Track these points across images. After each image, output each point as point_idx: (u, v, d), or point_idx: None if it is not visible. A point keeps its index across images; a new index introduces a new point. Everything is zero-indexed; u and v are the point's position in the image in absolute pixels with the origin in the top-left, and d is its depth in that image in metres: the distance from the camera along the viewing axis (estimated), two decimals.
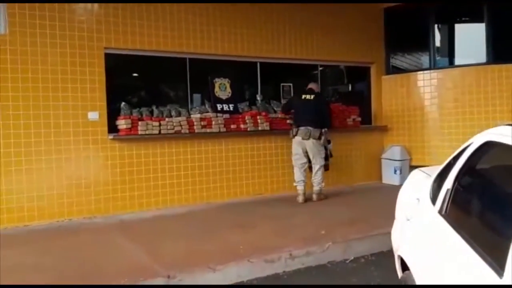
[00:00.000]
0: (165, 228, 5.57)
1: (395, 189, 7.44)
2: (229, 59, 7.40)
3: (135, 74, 7.15)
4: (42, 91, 5.91)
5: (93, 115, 6.21)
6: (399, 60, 9.13)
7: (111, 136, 6.30)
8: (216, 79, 7.30)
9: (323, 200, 6.98)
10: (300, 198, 6.86)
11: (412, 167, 8.52)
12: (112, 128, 6.41)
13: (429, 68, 8.44)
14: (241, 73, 7.71)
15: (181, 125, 6.67)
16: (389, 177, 8.41)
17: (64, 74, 6.03)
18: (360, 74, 9.06)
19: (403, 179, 8.28)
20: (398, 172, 8.28)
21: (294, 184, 7.00)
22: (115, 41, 6.39)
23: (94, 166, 6.24)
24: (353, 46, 8.51)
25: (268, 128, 7.34)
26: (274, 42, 7.70)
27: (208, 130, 6.88)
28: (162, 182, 6.69)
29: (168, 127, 6.58)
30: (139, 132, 6.37)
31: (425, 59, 8.62)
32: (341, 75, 8.95)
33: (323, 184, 7.02)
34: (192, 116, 6.94)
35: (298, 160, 6.98)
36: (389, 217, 3.53)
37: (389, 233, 3.43)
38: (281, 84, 8.02)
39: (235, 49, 7.34)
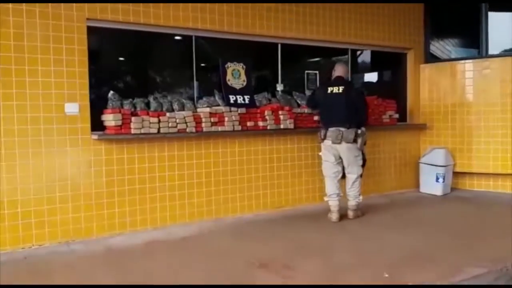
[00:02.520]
0: (163, 265, 4.14)
1: (443, 202, 6.09)
2: (243, 38, 5.92)
3: (126, 55, 5.59)
4: (2, 74, 4.40)
5: (71, 108, 4.71)
6: (441, 46, 7.72)
7: (95, 136, 4.82)
8: (229, 64, 5.82)
9: (361, 218, 5.61)
10: (334, 216, 5.47)
11: (456, 174, 7.25)
12: (97, 125, 4.93)
13: (480, 56, 7.06)
14: (258, 56, 6.24)
15: (186, 122, 5.20)
16: (429, 186, 7.05)
17: (32, 52, 4.51)
18: (394, 62, 7.63)
19: (446, 188, 6.99)
20: (441, 180, 6.92)
21: (326, 198, 5.61)
22: (101, 11, 4.87)
23: (73, 174, 4.75)
24: (387, 28, 7.10)
25: (292, 126, 5.90)
26: (298, 20, 6.23)
27: (219, 128, 5.42)
28: (161, 194, 5.23)
29: (170, 124, 5.10)
30: (133, 131, 4.89)
31: (474, 45, 7.22)
32: (374, 62, 7.51)
33: (360, 197, 5.64)
34: (199, 110, 5.47)
35: (329, 168, 5.58)
36: (463, 248, 2.11)
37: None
38: (306, 71, 6.57)
39: (252, 27, 5.86)
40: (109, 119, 4.85)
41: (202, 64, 5.74)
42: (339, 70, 5.73)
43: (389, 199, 6.73)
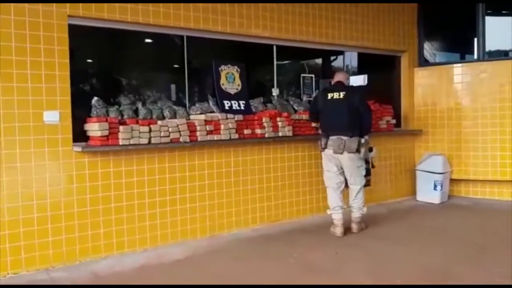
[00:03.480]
0: None
1: (443, 211, 5.73)
2: (238, 39, 5.48)
3: (111, 58, 5.03)
4: None
5: (51, 116, 4.14)
6: (436, 49, 7.49)
7: (78, 148, 4.26)
8: (223, 67, 5.37)
9: (365, 231, 5.26)
10: (338, 231, 5.09)
11: (452, 181, 7.02)
12: (80, 135, 4.39)
13: (476, 60, 6.86)
14: (252, 59, 5.80)
15: (179, 131, 4.71)
16: (426, 194, 6.79)
17: (6, 53, 3.94)
18: (388, 65, 7.35)
19: (444, 196, 6.75)
20: (439, 187, 6.67)
21: (329, 211, 5.23)
22: (85, 8, 4.32)
23: (53, 192, 4.19)
24: (382, 29, 6.81)
25: (290, 133, 5.51)
26: (294, 21, 5.83)
27: (215, 137, 4.96)
28: (151, 211, 4.73)
29: (162, 134, 4.61)
30: (121, 142, 4.37)
31: (469, 49, 7.01)
32: (368, 66, 7.19)
33: (365, 209, 5.29)
34: (192, 117, 5.00)
35: (331, 179, 5.21)
36: (481, 262, 1.77)
37: None
38: (302, 75, 6.19)
39: (247, 26, 5.42)
40: (94, 128, 4.31)
41: (195, 67, 5.25)
42: (338, 76, 5.39)
43: (387, 209, 6.42)
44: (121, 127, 4.37)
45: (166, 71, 5.41)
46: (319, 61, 6.70)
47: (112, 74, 5.02)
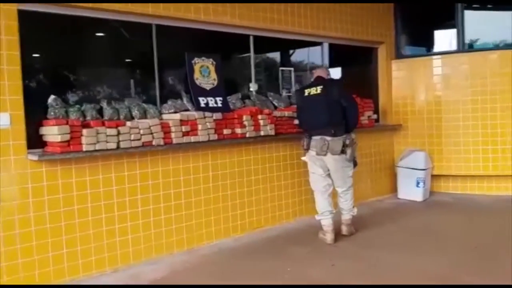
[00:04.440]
0: None
1: (428, 209, 5.41)
2: (212, 28, 4.94)
3: (70, 49, 4.33)
4: None
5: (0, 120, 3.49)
6: (415, 40, 7.20)
7: (34, 156, 3.60)
8: (196, 59, 4.82)
9: (356, 235, 4.87)
10: (329, 238, 4.67)
11: (432, 177, 6.79)
12: (35, 140, 3.73)
13: (456, 51, 6.64)
14: (228, 50, 5.28)
15: (152, 132, 4.13)
16: (408, 191, 6.50)
17: None
18: (365, 58, 7.02)
19: (426, 193, 6.50)
20: (421, 184, 6.40)
21: (317, 217, 4.80)
22: None
23: (6, 209, 3.52)
24: (360, 20, 6.45)
25: (273, 132, 5.03)
26: (273, 9, 5.35)
27: (192, 139, 4.40)
28: (121, 225, 4.12)
29: (132, 137, 4.01)
30: (85, 147, 3.74)
31: (450, 39, 6.77)
32: (344, 58, 6.82)
33: (355, 210, 4.92)
34: (165, 117, 4.42)
35: (318, 182, 4.78)
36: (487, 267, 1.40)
37: None
38: (280, 68, 5.72)
39: (222, 14, 4.89)
40: (53, 132, 3.66)
41: (165, 60, 4.65)
42: (318, 72, 4.97)
43: (370, 208, 6.09)
44: (84, 130, 3.74)
45: (133, 65, 4.78)
46: (298, 53, 6.24)
47: (71, 69, 4.32)
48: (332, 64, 6.55)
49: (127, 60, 4.74)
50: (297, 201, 5.54)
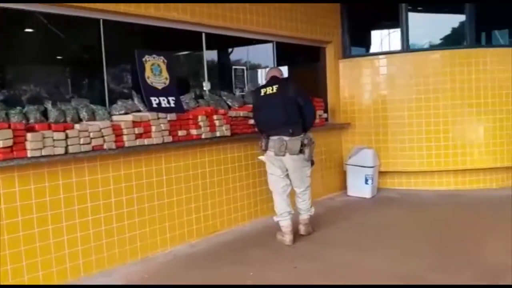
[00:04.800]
0: None
1: (379, 205, 5.54)
2: (163, 25, 4.71)
3: (10, 44, 3.94)
4: None
5: None
6: (361, 40, 7.33)
7: None
8: (147, 57, 4.56)
9: (314, 235, 4.84)
10: (288, 239, 4.61)
11: (379, 174, 6.94)
12: None
13: (401, 51, 6.82)
14: (180, 48, 5.06)
15: (103, 136, 3.85)
16: (358, 188, 6.61)
17: None
18: (313, 57, 7.04)
19: (374, 190, 6.64)
20: (370, 181, 6.53)
21: (276, 218, 4.72)
22: None
23: None
24: (309, 19, 6.45)
25: (228, 132, 4.89)
26: (225, 7, 5.20)
27: (146, 141, 4.16)
28: (70, 235, 3.80)
29: (82, 141, 3.71)
30: (29, 153, 3.40)
31: (394, 39, 6.95)
32: (292, 58, 6.80)
33: (313, 209, 4.89)
34: (115, 118, 4.13)
35: (277, 182, 4.70)
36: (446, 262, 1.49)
37: None
38: (233, 67, 5.58)
39: (173, 10, 4.67)
40: None
41: (114, 58, 4.37)
42: (272, 72, 4.92)
43: (322, 206, 6.07)
44: (29, 135, 3.41)
45: (80, 63, 4.45)
46: (250, 51, 6.13)
47: (12, 66, 3.94)
48: (279, 63, 6.51)
49: (72, 58, 4.40)
50: (253, 203, 5.44)
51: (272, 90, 4.61)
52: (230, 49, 6.00)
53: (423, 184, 6.89)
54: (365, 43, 7.35)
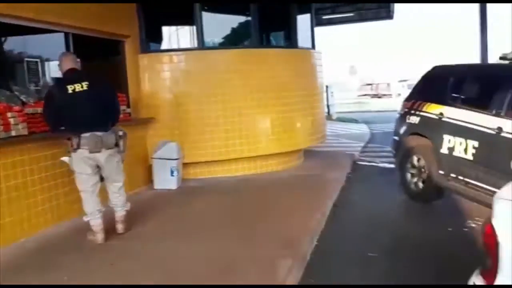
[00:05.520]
0: None
1: (188, 195, 6.26)
2: None
3: None
4: None
5: None
6: (161, 36, 7.43)
7: None
8: None
9: (132, 232, 4.84)
10: (100, 237, 4.50)
11: (185, 165, 7.24)
12: None
13: (198, 48, 7.20)
14: None
15: None
16: (164, 181, 6.78)
17: None
18: (112, 51, 6.89)
19: (179, 181, 6.95)
20: (175, 173, 6.77)
21: (86, 218, 4.55)
22: None
23: None
24: (104, 11, 6.28)
25: (25, 131, 4.50)
26: None
27: None
28: None
29: None
30: None
31: (192, 37, 7.28)
32: (91, 51, 6.50)
33: (128, 204, 4.88)
34: None
35: (86, 181, 4.53)
36: (251, 238, 2.24)
37: None
38: (25, 59, 5.08)
39: None
40: None
41: None
42: (67, 62, 4.60)
43: (132, 201, 5.65)
44: None
45: None
46: (43, 42, 5.65)
47: None
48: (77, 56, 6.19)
49: None
50: (57, 205, 5.11)
51: (82, 87, 4.41)
52: (23, 40, 5.43)
53: (222, 171, 7.45)
54: (165, 39, 7.53)
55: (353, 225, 5.25)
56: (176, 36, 7.42)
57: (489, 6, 12.14)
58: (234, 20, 7.57)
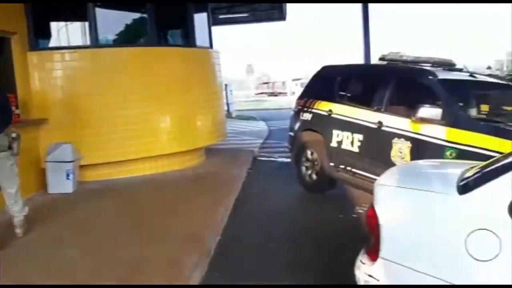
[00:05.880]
0: None
1: (85, 199, 6.38)
2: None
3: None
4: None
5: None
6: (52, 33, 7.03)
7: None
8: None
9: (24, 237, 4.63)
10: None
11: (82, 168, 6.97)
12: None
13: (91, 46, 6.96)
14: None
15: None
16: (59, 185, 6.48)
17: None
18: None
19: (75, 184, 6.72)
20: (71, 176, 6.51)
21: None
22: None
23: None
24: None
25: None
26: None
27: None
28: None
29: None
30: None
31: (85, 34, 7.00)
32: None
33: (26, 208, 4.77)
34: None
35: None
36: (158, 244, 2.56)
37: None
38: None
39: None
40: None
41: None
42: None
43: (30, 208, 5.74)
44: None
45: None
46: None
47: None
48: None
49: None
50: None
51: None
52: None
53: (122, 172, 7.29)
54: (56, 36, 7.16)
55: (254, 218, 5.49)
56: (68, 33, 7.09)
57: (372, 8, 13.21)
58: (130, 17, 7.44)
